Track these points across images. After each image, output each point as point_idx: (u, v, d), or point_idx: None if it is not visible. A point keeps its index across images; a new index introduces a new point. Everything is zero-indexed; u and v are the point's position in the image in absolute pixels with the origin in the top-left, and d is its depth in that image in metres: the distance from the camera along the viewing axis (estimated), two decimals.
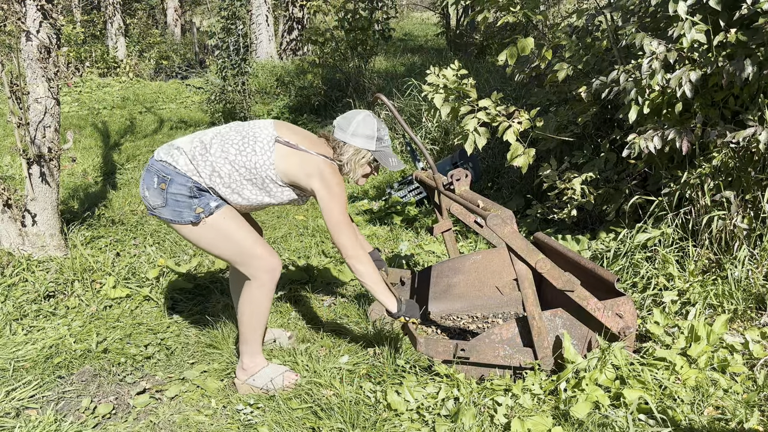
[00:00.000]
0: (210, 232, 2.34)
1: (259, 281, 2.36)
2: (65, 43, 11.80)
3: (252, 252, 2.35)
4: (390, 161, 2.48)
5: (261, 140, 2.35)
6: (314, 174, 2.34)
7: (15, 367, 2.69)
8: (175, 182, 2.29)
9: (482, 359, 2.37)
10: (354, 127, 2.42)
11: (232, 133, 2.39)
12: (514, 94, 5.53)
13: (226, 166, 2.32)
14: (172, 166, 2.31)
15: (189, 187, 2.29)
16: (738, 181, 3.00)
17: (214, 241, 2.36)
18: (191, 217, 2.30)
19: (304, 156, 2.36)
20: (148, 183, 2.34)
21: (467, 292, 3.09)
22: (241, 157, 2.32)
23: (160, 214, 2.34)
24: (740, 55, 2.76)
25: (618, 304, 2.37)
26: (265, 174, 2.34)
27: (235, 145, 2.34)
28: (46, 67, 3.58)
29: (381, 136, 2.46)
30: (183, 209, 2.30)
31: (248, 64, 8.14)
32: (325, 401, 2.32)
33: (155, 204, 2.32)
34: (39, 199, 3.68)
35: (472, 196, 2.52)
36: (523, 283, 2.27)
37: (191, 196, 2.29)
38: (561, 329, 2.39)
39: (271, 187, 2.38)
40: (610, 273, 2.45)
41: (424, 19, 19.96)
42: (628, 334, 2.37)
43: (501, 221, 2.18)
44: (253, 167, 2.33)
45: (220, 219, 2.33)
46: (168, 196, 2.29)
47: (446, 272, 3.06)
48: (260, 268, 2.35)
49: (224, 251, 2.37)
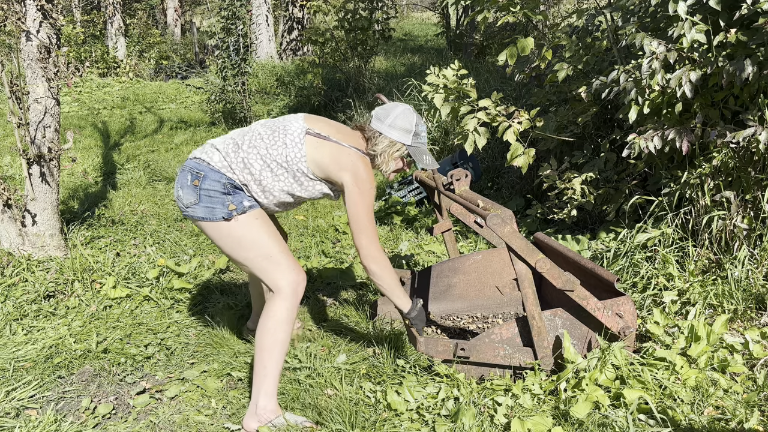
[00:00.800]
0: (240, 231, 2.26)
1: (281, 294, 2.23)
2: (65, 43, 11.80)
3: (278, 260, 2.25)
4: (425, 158, 2.42)
5: (291, 133, 2.31)
6: (346, 167, 2.28)
7: (15, 367, 2.69)
8: (209, 178, 2.25)
9: (482, 359, 2.37)
10: (392, 118, 2.37)
11: (261, 128, 2.36)
12: (514, 94, 5.53)
13: (258, 161, 2.27)
14: (206, 163, 2.28)
15: (223, 183, 2.25)
16: (738, 181, 3.00)
17: (243, 242, 2.27)
18: (223, 214, 2.24)
19: (337, 148, 2.31)
20: (182, 181, 2.29)
21: (467, 293, 3.09)
22: (272, 151, 2.28)
23: (193, 212, 2.27)
24: (740, 55, 2.76)
25: (618, 303, 2.37)
26: (296, 167, 2.29)
27: (265, 139, 2.30)
28: (46, 67, 3.58)
29: (419, 131, 2.41)
30: (216, 205, 2.24)
31: (248, 64, 8.14)
32: (325, 401, 2.32)
33: (188, 201, 2.27)
34: (39, 199, 3.68)
35: (472, 196, 2.52)
36: (523, 283, 2.27)
37: (225, 193, 2.24)
38: (561, 329, 2.39)
39: (303, 180, 2.33)
40: (609, 273, 2.45)
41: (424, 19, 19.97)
42: (628, 333, 2.37)
43: (501, 221, 2.18)
44: (285, 161, 2.28)
45: (252, 219, 2.27)
46: (201, 192, 2.24)
47: (446, 272, 3.06)
48: (284, 278, 2.23)
49: (248, 256, 2.27)
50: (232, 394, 2.49)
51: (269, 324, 2.21)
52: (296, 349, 2.71)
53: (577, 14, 4.11)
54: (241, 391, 2.50)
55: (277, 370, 2.22)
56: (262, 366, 2.21)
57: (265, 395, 2.21)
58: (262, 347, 2.22)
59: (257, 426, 2.18)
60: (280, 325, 2.21)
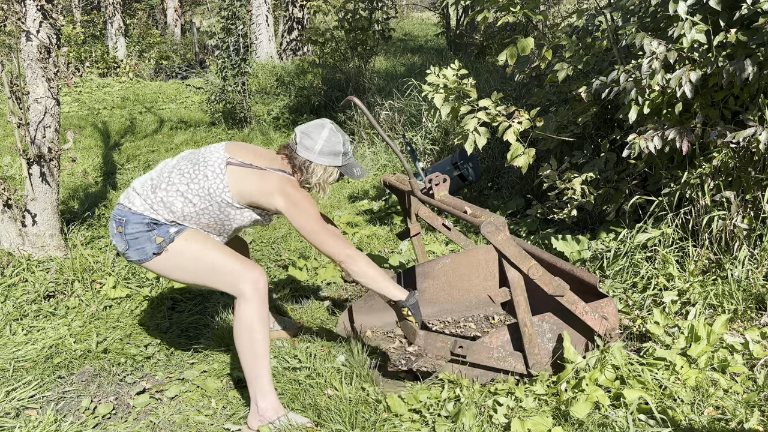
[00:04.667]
0: (175, 258, 2.26)
1: (243, 297, 2.21)
2: (65, 43, 11.81)
3: (226, 268, 2.24)
4: (355, 172, 2.43)
5: (212, 164, 2.28)
6: (275, 191, 2.26)
7: (15, 367, 2.69)
8: (131, 222, 2.25)
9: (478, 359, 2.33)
10: (321, 145, 2.35)
11: (183, 162, 2.34)
12: (514, 94, 5.53)
13: (179, 198, 2.26)
14: (127, 208, 2.28)
15: (146, 223, 2.25)
16: (738, 181, 3.00)
17: (184, 268, 2.27)
18: (153, 249, 2.24)
19: (261, 174, 2.29)
20: (111, 230, 2.33)
21: (437, 297, 3.06)
22: (193, 185, 2.26)
23: (129, 257, 2.30)
24: (740, 55, 2.76)
25: (602, 305, 2.37)
26: (220, 198, 2.27)
27: (186, 174, 2.29)
28: (46, 67, 3.58)
29: (346, 150, 2.41)
30: (144, 244, 2.24)
31: (248, 64, 8.14)
32: (325, 401, 2.32)
33: (121, 248, 2.30)
34: (39, 199, 3.68)
35: (455, 201, 2.44)
36: (515, 290, 2.23)
37: (149, 230, 2.24)
38: (548, 334, 2.37)
39: (229, 211, 2.31)
40: (590, 275, 2.45)
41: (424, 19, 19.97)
42: (613, 335, 2.36)
43: (495, 228, 2.14)
44: (207, 193, 2.26)
45: (182, 242, 2.26)
46: (127, 238, 2.26)
47: (415, 278, 3.02)
48: (240, 282, 2.21)
49: (198, 275, 2.28)
50: (232, 394, 2.49)
51: (242, 329, 2.21)
52: (296, 349, 2.71)
53: (577, 14, 4.10)
54: (241, 391, 2.50)
55: (267, 369, 2.23)
56: (250, 369, 2.22)
57: (262, 395, 2.21)
58: (244, 353, 2.22)
59: (259, 424, 2.20)
60: (254, 327, 2.20)
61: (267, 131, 7.91)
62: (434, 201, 2.50)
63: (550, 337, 2.37)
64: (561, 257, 3.54)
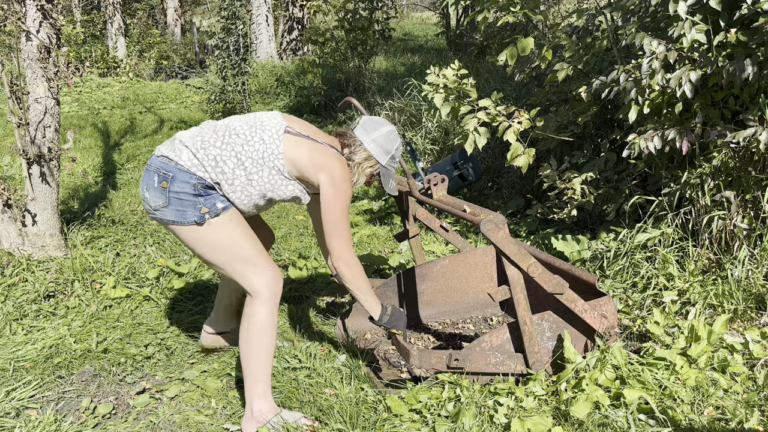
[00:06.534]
0: (214, 234, 2.16)
1: (259, 297, 2.16)
2: (65, 43, 11.80)
3: (255, 262, 2.18)
4: (390, 183, 2.41)
5: (269, 129, 2.23)
6: (324, 166, 2.22)
7: (15, 367, 2.69)
8: (178, 179, 2.12)
9: (475, 368, 2.32)
10: (377, 134, 2.35)
11: (237, 123, 2.26)
12: (514, 94, 5.53)
13: (232, 158, 2.17)
14: (174, 162, 2.14)
15: (193, 185, 2.13)
16: (738, 181, 3.00)
17: (217, 246, 2.18)
18: (195, 217, 2.13)
19: (315, 146, 2.25)
20: (148, 182, 2.17)
21: (435, 299, 3.06)
22: (248, 147, 2.18)
23: (162, 215, 2.16)
24: (740, 55, 2.76)
25: (601, 304, 2.37)
26: (272, 164, 2.20)
27: (241, 135, 2.21)
28: (46, 67, 3.58)
29: (396, 155, 2.40)
30: (187, 208, 2.13)
31: (248, 64, 8.15)
32: (325, 400, 2.32)
33: (156, 204, 2.15)
34: (39, 199, 3.68)
35: (454, 201, 2.44)
36: (515, 288, 2.23)
37: (196, 194, 2.13)
38: (548, 332, 2.37)
39: (277, 179, 2.23)
40: (588, 273, 2.45)
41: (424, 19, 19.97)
42: (613, 334, 2.36)
43: (494, 226, 2.14)
44: (261, 157, 2.19)
45: (226, 221, 2.17)
46: (171, 195, 2.12)
47: (414, 279, 3.01)
48: (261, 280, 2.16)
49: (225, 259, 2.19)
50: (232, 394, 2.49)
51: (252, 331, 2.16)
52: (296, 349, 2.71)
53: (577, 14, 4.11)
54: (241, 391, 2.49)
55: (268, 374, 2.20)
56: (251, 372, 2.18)
57: (259, 398, 2.19)
58: (248, 355, 2.17)
59: (256, 427, 2.17)
60: (264, 330, 2.15)
61: None
62: (433, 201, 2.49)
63: (549, 336, 2.37)
64: (561, 257, 3.54)
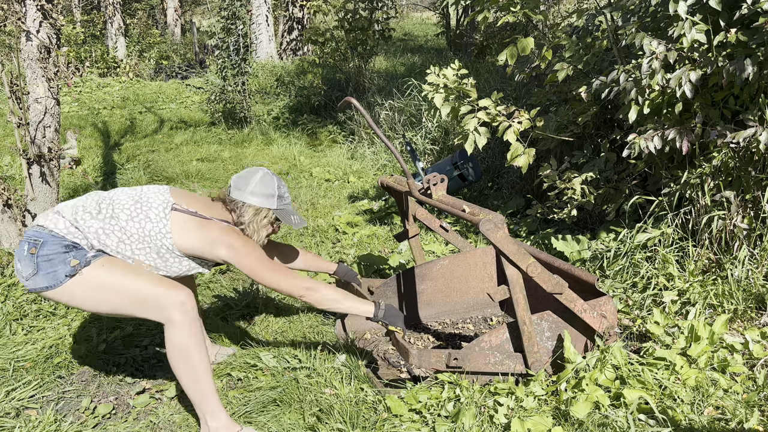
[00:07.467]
0: (90, 284, 2.06)
1: (172, 323, 2.08)
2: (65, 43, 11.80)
3: (150, 295, 2.08)
4: (292, 219, 2.36)
5: (156, 206, 2.16)
6: (220, 241, 2.17)
7: (15, 367, 2.69)
8: (48, 243, 2.06)
9: (474, 367, 2.32)
10: (252, 186, 2.30)
11: (123, 196, 2.20)
12: (514, 94, 5.53)
13: (116, 233, 2.11)
14: (48, 230, 2.09)
15: (64, 245, 2.06)
16: (738, 181, 3.00)
17: (100, 297, 2.08)
18: (66, 272, 2.04)
19: (205, 224, 2.20)
20: (19, 253, 2.09)
21: (435, 299, 3.05)
22: (133, 224, 2.12)
23: (34, 284, 2.06)
24: (740, 55, 2.76)
25: (600, 304, 2.37)
26: (160, 243, 2.14)
27: (126, 210, 2.14)
28: (46, 67, 3.59)
29: (282, 193, 2.36)
30: (56, 267, 2.04)
31: (248, 64, 8.15)
32: (325, 400, 2.32)
33: (27, 273, 2.06)
34: (39, 199, 3.68)
35: (453, 201, 2.43)
36: (514, 288, 2.22)
37: (66, 252, 2.06)
38: (547, 332, 2.37)
39: (168, 257, 2.18)
40: (588, 273, 2.45)
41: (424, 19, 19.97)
42: (612, 334, 2.36)
43: (493, 226, 2.13)
44: (147, 235, 2.12)
45: (99, 268, 2.08)
46: (39, 260, 2.04)
47: (414, 279, 3.01)
48: (166, 308, 2.08)
49: (117, 305, 2.10)
50: (232, 394, 2.49)
51: (177, 356, 2.11)
52: (296, 348, 2.72)
53: (577, 14, 4.11)
54: (240, 391, 2.50)
55: (211, 388, 2.14)
56: (194, 392, 2.13)
57: (212, 415, 2.15)
58: (183, 378, 2.13)
59: None
60: (190, 350, 2.10)
61: (267, 131, 7.91)
62: (432, 201, 2.49)
63: (549, 336, 2.37)
64: (561, 257, 3.54)
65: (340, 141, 7.39)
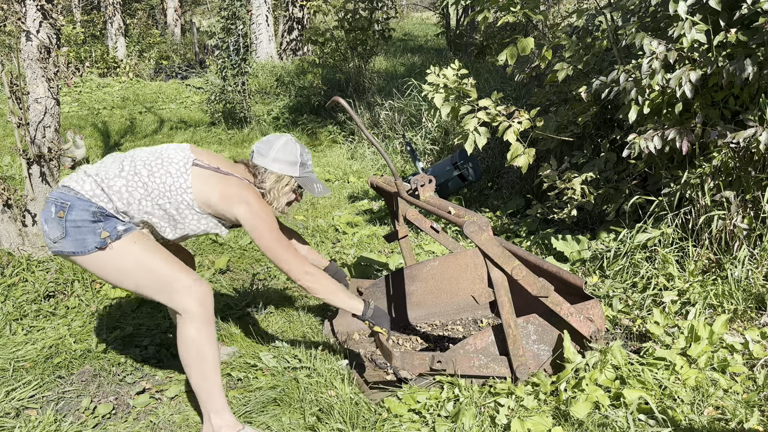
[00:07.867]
0: (119, 259, 2.06)
1: (189, 315, 2.05)
2: (65, 43, 11.80)
3: (172, 279, 2.07)
4: (315, 187, 2.34)
5: (176, 162, 2.15)
6: (239, 198, 2.16)
7: (15, 367, 2.69)
8: (76, 207, 2.04)
9: (459, 371, 2.29)
10: (275, 152, 2.28)
11: (143, 154, 2.19)
12: (514, 94, 5.53)
13: (139, 189, 2.10)
14: (74, 191, 2.07)
15: (92, 212, 2.05)
16: (738, 181, 3.00)
17: (125, 270, 2.07)
18: (96, 243, 2.03)
19: (225, 180, 2.18)
20: (46, 215, 2.07)
21: (425, 300, 3.04)
22: (154, 179, 2.11)
23: (61, 248, 2.06)
24: (740, 55, 2.76)
25: (587, 307, 2.35)
26: (180, 198, 2.13)
27: (147, 165, 2.13)
28: (46, 67, 3.59)
29: (304, 161, 2.34)
30: (86, 236, 2.03)
31: (248, 64, 8.15)
32: (325, 400, 2.32)
33: (55, 236, 2.05)
34: (39, 199, 3.68)
35: (440, 202, 2.41)
36: (499, 291, 2.19)
37: (95, 221, 2.04)
38: (533, 335, 2.36)
39: (187, 214, 2.17)
40: (576, 277, 2.42)
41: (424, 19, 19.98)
42: (599, 337, 2.34)
43: (478, 228, 2.11)
44: (168, 190, 2.11)
45: (130, 243, 2.07)
46: (68, 225, 2.03)
47: (403, 280, 3.00)
48: (185, 297, 2.05)
49: (140, 282, 2.09)
50: (232, 394, 2.49)
51: (190, 350, 2.07)
52: (297, 348, 2.72)
53: (577, 14, 4.11)
54: (240, 391, 2.50)
55: (218, 386, 2.13)
56: (201, 389, 2.11)
57: (216, 413, 2.13)
58: (192, 373, 2.10)
59: None
60: (203, 348, 2.07)
61: (267, 131, 7.92)
62: (419, 202, 2.46)
63: (535, 339, 2.35)
64: (561, 257, 3.54)
65: (340, 141, 7.40)
